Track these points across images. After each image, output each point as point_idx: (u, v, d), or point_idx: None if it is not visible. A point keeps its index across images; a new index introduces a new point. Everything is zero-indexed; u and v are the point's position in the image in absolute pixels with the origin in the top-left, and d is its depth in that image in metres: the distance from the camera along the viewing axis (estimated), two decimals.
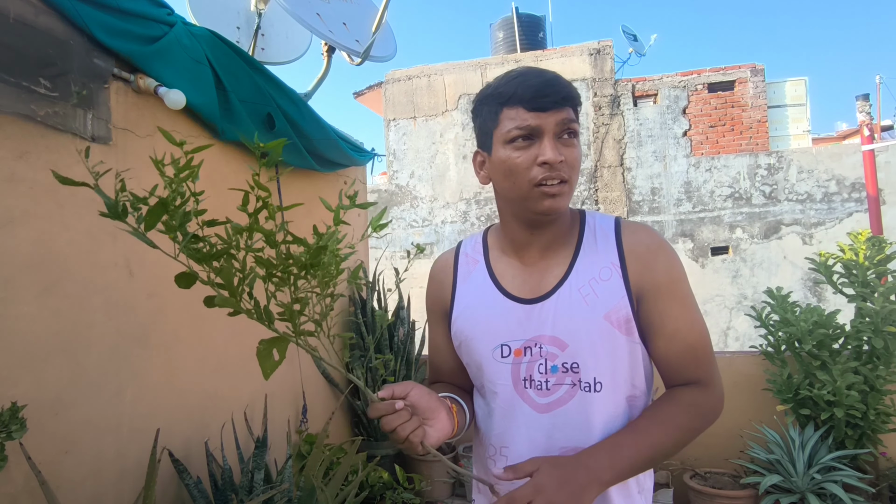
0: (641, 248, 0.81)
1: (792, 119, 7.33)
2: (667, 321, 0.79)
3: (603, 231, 0.84)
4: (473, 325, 0.87)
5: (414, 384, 0.76)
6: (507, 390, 0.84)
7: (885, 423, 2.19)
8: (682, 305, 0.80)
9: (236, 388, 1.83)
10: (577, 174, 0.80)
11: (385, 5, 2.13)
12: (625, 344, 0.80)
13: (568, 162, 0.78)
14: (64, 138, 1.27)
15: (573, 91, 0.80)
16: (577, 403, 0.80)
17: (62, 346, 1.23)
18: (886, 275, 2.27)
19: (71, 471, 1.23)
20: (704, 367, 0.81)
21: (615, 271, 0.81)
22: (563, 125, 0.78)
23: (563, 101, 0.78)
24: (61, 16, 1.26)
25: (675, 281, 0.81)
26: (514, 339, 0.83)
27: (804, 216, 6.38)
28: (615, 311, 0.79)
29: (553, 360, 0.81)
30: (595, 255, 0.83)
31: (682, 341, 0.80)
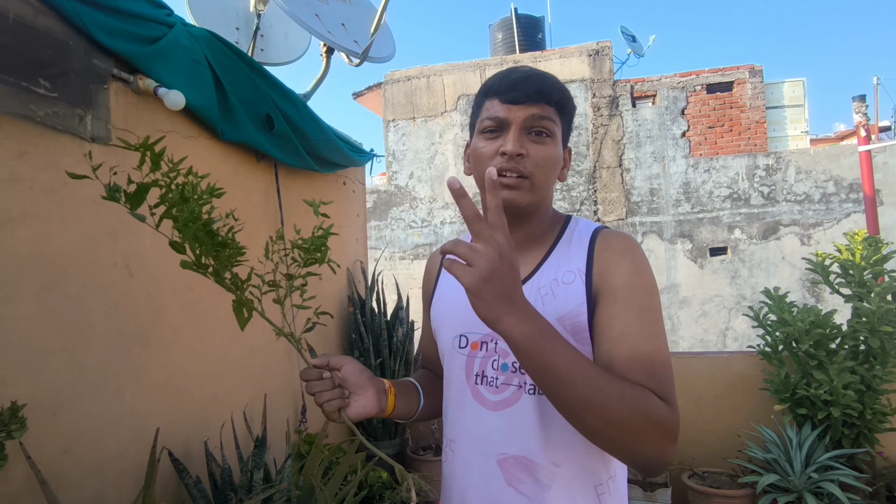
0: (608, 253, 0.77)
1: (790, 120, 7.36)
2: (614, 324, 0.71)
3: (580, 236, 0.82)
4: (443, 313, 0.88)
5: (350, 360, 0.80)
6: (459, 382, 0.83)
7: (882, 422, 2.20)
8: (639, 316, 0.71)
9: (236, 388, 1.83)
10: (544, 173, 0.78)
11: (384, 6, 2.14)
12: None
13: (533, 158, 0.76)
14: (63, 138, 1.28)
15: (554, 90, 0.78)
16: (523, 406, 0.77)
17: (61, 345, 1.24)
18: (883, 275, 2.28)
19: (71, 470, 1.23)
20: (660, 383, 0.68)
21: (579, 277, 0.77)
22: (532, 120, 0.77)
23: (537, 96, 0.77)
24: (60, 16, 1.27)
25: (635, 288, 0.73)
26: (473, 332, 0.83)
27: (802, 217, 6.40)
28: (569, 317, 0.75)
29: (505, 358, 0.79)
30: (564, 259, 0.80)
31: (630, 347, 0.69)
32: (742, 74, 6.92)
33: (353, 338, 2.65)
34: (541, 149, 0.77)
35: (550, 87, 0.78)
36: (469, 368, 0.82)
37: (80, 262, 1.29)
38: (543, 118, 0.77)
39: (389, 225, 7.44)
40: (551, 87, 0.78)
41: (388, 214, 7.46)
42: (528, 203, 0.78)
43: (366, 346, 2.61)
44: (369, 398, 0.79)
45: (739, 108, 6.95)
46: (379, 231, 7.46)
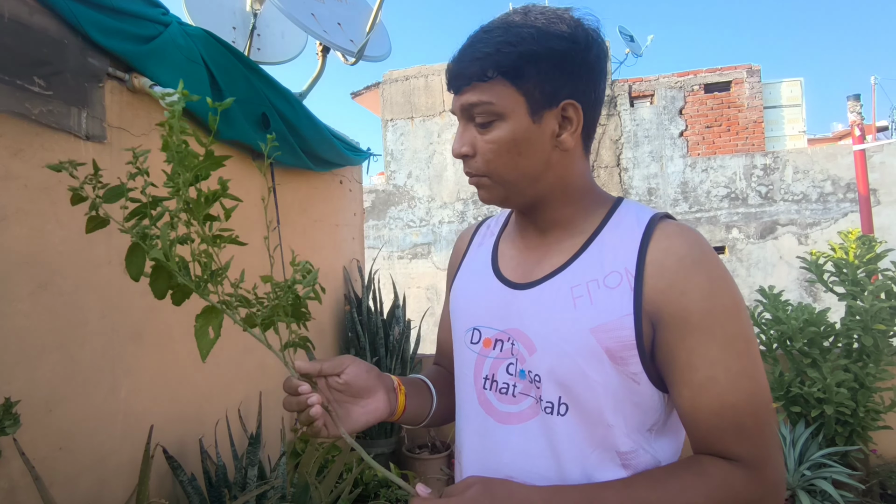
0: (671, 260, 0.59)
1: (788, 120, 7.37)
2: (697, 365, 0.57)
3: (630, 227, 0.64)
4: (459, 300, 0.76)
5: (351, 360, 0.67)
6: (468, 383, 0.71)
7: (875, 420, 2.21)
8: (725, 349, 0.57)
9: (231, 386, 1.84)
10: (502, 164, 0.64)
11: (379, 6, 2.15)
12: (613, 375, 0.60)
13: (480, 153, 0.64)
14: (58, 137, 1.29)
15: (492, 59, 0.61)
16: (538, 425, 0.63)
17: (56, 342, 1.24)
18: (876, 273, 2.29)
19: (65, 467, 1.24)
20: (752, 441, 0.57)
21: (626, 280, 0.60)
22: (467, 111, 0.64)
23: (467, 77, 0.63)
24: (56, 15, 1.27)
25: (715, 313, 0.57)
26: (488, 326, 0.69)
27: (800, 216, 6.41)
28: (608, 330, 0.60)
29: (522, 364, 0.65)
30: (609, 254, 0.63)
31: (716, 398, 0.56)
32: (740, 74, 6.93)
33: (350, 336, 2.65)
34: (487, 139, 0.63)
35: (484, 55, 0.61)
36: (478, 369, 0.69)
37: (74, 259, 1.30)
38: (476, 105, 0.63)
39: (388, 224, 7.45)
40: (485, 55, 0.61)
41: (386, 214, 7.46)
42: (500, 198, 0.67)
43: (362, 344, 2.62)
44: (378, 401, 0.67)
45: (737, 107, 6.96)
46: (377, 230, 7.46)
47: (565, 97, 0.63)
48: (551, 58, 0.61)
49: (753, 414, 0.57)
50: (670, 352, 0.59)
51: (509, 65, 0.61)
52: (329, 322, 2.62)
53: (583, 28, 0.63)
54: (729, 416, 0.57)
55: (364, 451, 0.64)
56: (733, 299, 0.59)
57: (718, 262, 0.60)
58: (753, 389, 0.57)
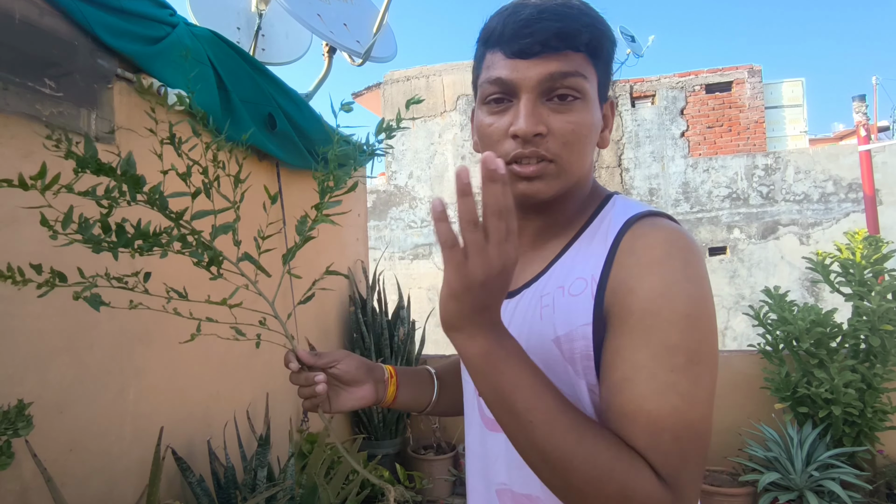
0: (630, 259, 0.53)
1: (789, 120, 7.38)
2: (617, 365, 0.50)
3: (607, 228, 0.58)
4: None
5: (344, 355, 0.73)
6: (469, 390, 0.70)
7: (883, 420, 2.21)
8: (656, 358, 0.48)
9: (238, 388, 1.84)
10: (576, 151, 0.57)
11: (386, 6, 2.15)
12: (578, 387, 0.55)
13: (558, 134, 0.55)
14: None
15: (584, 28, 0.54)
16: None
17: (67, 344, 1.24)
18: (883, 274, 2.29)
19: (76, 468, 1.24)
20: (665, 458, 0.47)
21: (590, 287, 0.54)
22: (552, 81, 0.55)
23: (557, 41, 0.54)
24: (66, 17, 1.27)
25: (659, 317, 0.49)
26: None
27: (801, 216, 6.41)
28: (568, 341, 0.55)
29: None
30: (580, 259, 0.58)
31: (631, 399, 0.48)
32: (741, 74, 6.94)
33: (355, 337, 2.65)
34: (568, 119, 0.55)
35: (577, 24, 0.54)
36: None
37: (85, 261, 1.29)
38: (568, 75, 0.54)
39: (389, 225, 7.45)
40: (578, 23, 0.54)
41: (387, 214, 7.46)
42: (555, 193, 0.58)
43: (367, 345, 2.62)
44: (365, 391, 0.74)
45: (738, 108, 6.97)
46: (378, 231, 7.46)
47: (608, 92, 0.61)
48: (613, 49, 0.59)
49: (673, 431, 0.47)
50: (604, 351, 0.52)
51: (595, 41, 0.55)
52: (334, 323, 2.62)
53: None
54: (642, 422, 0.48)
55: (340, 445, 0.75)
56: (689, 307, 0.49)
57: (684, 266, 0.51)
58: (682, 408, 0.47)
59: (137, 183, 0.60)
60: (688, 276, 0.51)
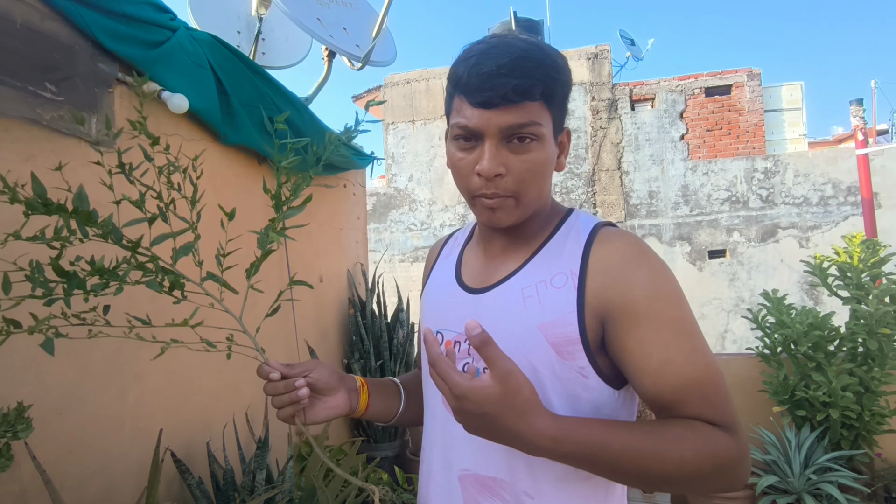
0: (612, 259, 0.64)
1: (788, 123, 7.40)
2: (651, 352, 0.60)
3: (577, 234, 0.70)
4: (426, 308, 0.82)
5: (317, 364, 0.76)
6: (431, 383, 0.76)
7: (881, 424, 2.22)
8: (675, 333, 0.61)
9: (238, 390, 1.84)
10: (533, 185, 0.66)
11: (385, 11, 2.16)
12: (560, 370, 0.64)
13: (515, 174, 0.64)
14: (69, 142, 1.29)
15: (537, 81, 0.62)
16: None
17: (66, 347, 1.24)
18: (881, 277, 2.30)
19: (75, 470, 1.24)
20: (719, 409, 0.60)
21: (571, 280, 0.65)
22: (508, 130, 0.63)
23: (516, 95, 0.62)
24: (67, 21, 1.28)
25: (660, 301, 0.62)
26: (449, 329, 0.75)
27: (801, 220, 6.42)
28: (554, 326, 0.64)
29: (477, 362, 0.69)
30: (556, 258, 0.68)
31: (676, 375, 0.60)
32: (740, 78, 6.96)
33: (354, 340, 2.65)
34: (525, 160, 0.64)
35: (532, 78, 0.62)
36: None
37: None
38: (524, 125, 0.63)
39: (389, 227, 7.45)
40: (533, 77, 0.62)
41: (387, 217, 7.47)
42: (516, 221, 0.69)
43: (366, 347, 2.62)
44: (339, 399, 0.75)
45: (738, 111, 6.99)
46: (378, 234, 7.47)
47: (564, 125, 0.71)
48: (567, 89, 0.68)
49: (714, 384, 0.61)
50: (622, 344, 0.62)
51: (549, 89, 0.64)
52: (333, 325, 2.62)
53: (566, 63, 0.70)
54: (693, 388, 0.60)
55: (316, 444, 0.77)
56: (675, 287, 0.64)
57: (657, 257, 0.66)
58: (707, 363, 0.61)
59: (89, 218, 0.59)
60: (662, 265, 0.65)
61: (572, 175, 7.07)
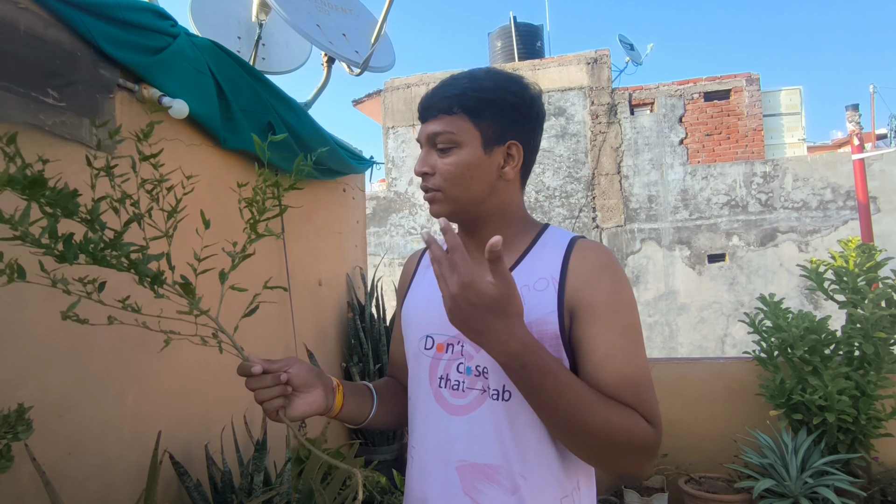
0: (585, 265, 0.76)
1: (787, 127, 7.41)
2: (598, 346, 0.72)
3: (555, 245, 0.80)
4: (411, 314, 0.88)
5: (295, 361, 0.79)
6: (423, 385, 0.83)
7: (877, 427, 2.22)
8: (622, 335, 0.72)
9: (236, 392, 1.85)
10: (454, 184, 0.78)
11: (384, 17, 2.18)
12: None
13: (439, 172, 0.78)
14: (71, 147, 1.31)
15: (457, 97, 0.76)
16: (486, 412, 0.75)
17: (66, 349, 1.26)
18: (877, 281, 2.31)
19: (74, 472, 1.25)
20: (647, 404, 0.71)
21: (552, 284, 0.76)
22: (434, 137, 0.78)
23: (435, 110, 0.78)
24: (69, 28, 1.30)
25: (616, 307, 0.73)
26: (439, 333, 0.81)
27: (800, 224, 6.43)
28: (539, 324, 0.74)
29: (469, 361, 0.78)
30: (537, 265, 0.78)
31: (615, 370, 0.71)
32: (739, 82, 6.98)
33: (353, 343, 2.67)
34: (445, 161, 0.78)
35: (452, 95, 0.77)
36: (433, 371, 0.81)
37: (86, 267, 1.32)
38: (441, 134, 0.77)
39: (389, 231, 7.47)
40: (453, 95, 0.77)
41: (387, 221, 7.49)
42: (449, 212, 0.80)
43: (365, 351, 2.63)
44: (316, 396, 0.78)
45: (737, 115, 7.00)
46: (378, 237, 7.48)
47: (511, 138, 0.79)
48: (503, 106, 0.78)
49: (645, 383, 0.72)
50: (579, 336, 0.73)
51: (471, 105, 0.76)
52: (332, 329, 2.63)
53: (529, 90, 0.81)
54: (628, 384, 0.71)
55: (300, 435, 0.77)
56: (630, 297, 0.76)
57: (621, 270, 0.77)
58: (643, 367, 0.73)
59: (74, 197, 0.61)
60: (624, 277, 0.77)
61: (572, 179, 7.08)
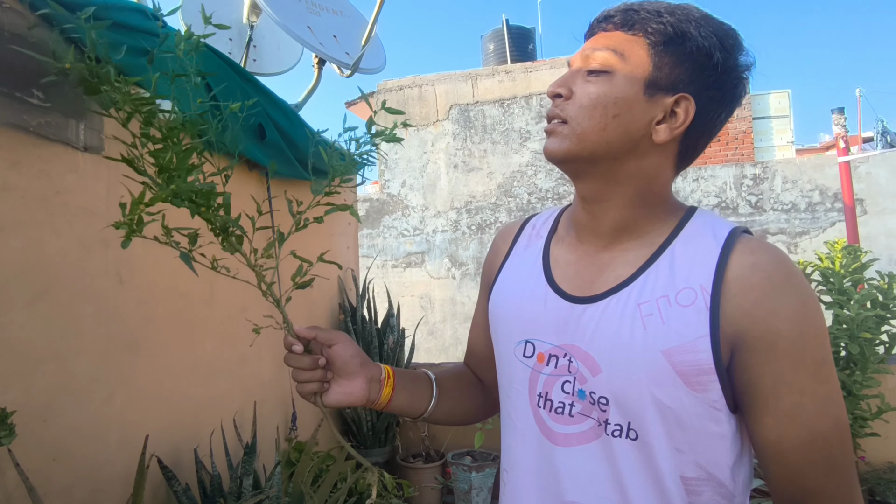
0: (758, 277, 0.55)
1: (776, 130, 7.49)
2: (783, 392, 0.53)
3: (706, 240, 0.59)
4: (506, 308, 0.71)
5: (344, 338, 0.70)
6: (520, 400, 0.67)
7: (863, 427, 2.24)
8: (813, 375, 0.53)
9: (226, 396, 1.84)
10: (587, 116, 0.59)
11: (374, 19, 2.18)
12: (689, 403, 0.55)
13: (576, 98, 0.60)
14: (56, 148, 1.30)
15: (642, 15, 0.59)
16: (601, 449, 0.59)
17: (52, 352, 1.25)
18: (862, 282, 2.34)
19: (59, 477, 1.24)
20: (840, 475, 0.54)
21: (702, 298, 0.56)
22: (587, 56, 0.61)
23: (607, 23, 0.61)
24: (54, 28, 1.29)
25: (806, 337, 0.54)
26: (543, 340, 0.65)
27: (789, 225, 6.50)
28: (682, 353, 0.55)
29: (582, 383, 0.61)
30: (681, 268, 0.58)
31: (804, 426, 0.53)
32: None
33: None
34: (588, 89, 0.59)
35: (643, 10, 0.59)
36: (532, 386, 0.65)
37: (71, 270, 1.30)
38: (598, 49, 0.60)
39: (381, 233, 7.46)
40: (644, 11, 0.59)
41: (380, 223, 7.47)
42: (567, 153, 0.61)
43: None
44: (355, 387, 0.69)
45: None
46: (371, 239, 7.47)
47: (686, 91, 0.59)
48: (699, 51, 0.58)
49: (840, 442, 0.54)
50: (753, 376, 0.54)
51: (659, 30, 0.58)
52: None
53: (742, 54, 0.60)
54: (819, 447, 0.53)
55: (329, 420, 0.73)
56: (822, 322, 0.55)
57: (807, 283, 0.56)
58: (838, 415, 0.54)
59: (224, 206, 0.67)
60: (811, 294, 0.56)
61: (564, 181, 7.11)
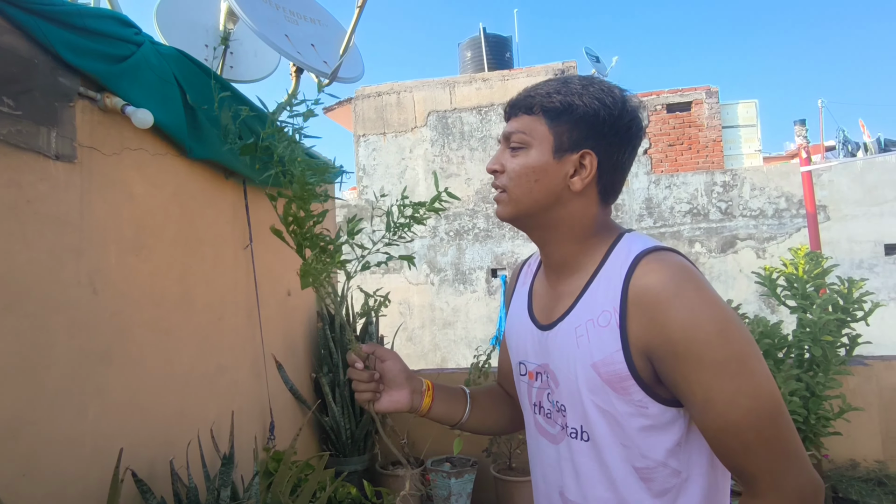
0: (648, 297, 0.64)
1: (744, 139, 7.74)
2: (694, 389, 0.62)
3: (620, 265, 0.70)
4: (510, 335, 0.89)
5: (394, 356, 0.87)
6: (526, 409, 0.85)
7: (826, 426, 2.33)
8: (716, 373, 0.60)
9: (203, 406, 1.82)
10: (519, 185, 0.74)
11: (353, 28, 2.19)
12: (619, 405, 0.67)
13: (507, 171, 0.76)
14: (27, 156, 1.27)
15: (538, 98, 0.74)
16: (566, 448, 0.75)
17: (22, 365, 1.22)
18: (824, 287, 2.44)
19: (29, 493, 1.21)
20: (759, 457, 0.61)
21: (614, 319, 0.67)
22: (507, 137, 0.77)
23: (514, 109, 0.77)
24: (26, 35, 1.27)
25: (698, 341, 0.61)
26: (530, 361, 0.82)
27: (757, 231, 6.71)
28: (605, 365, 0.68)
29: (553, 394, 0.77)
30: (602, 293, 0.70)
31: (717, 417, 0.61)
32: (699, 95, 7.25)
33: (323, 354, 2.64)
34: (514, 162, 0.75)
35: (537, 95, 0.74)
36: (530, 396, 0.83)
37: (42, 280, 1.28)
38: (514, 133, 0.75)
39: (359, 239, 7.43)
40: (538, 95, 0.74)
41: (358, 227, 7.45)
42: (511, 215, 0.77)
43: (335, 361, 2.62)
44: (402, 396, 0.86)
45: (697, 127, 7.27)
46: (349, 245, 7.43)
47: (587, 147, 0.73)
48: (587, 113, 0.72)
49: (755, 429, 0.61)
50: (669, 379, 0.65)
51: (552, 107, 0.73)
52: (301, 339, 2.61)
53: (625, 104, 0.73)
54: (732, 433, 0.61)
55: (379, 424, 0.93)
56: (716, 325, 0.62)
57: (698, 291, 0.64)
58: (751, 406, 0.60)
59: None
60: (703, 298, 0.64)
61: None
